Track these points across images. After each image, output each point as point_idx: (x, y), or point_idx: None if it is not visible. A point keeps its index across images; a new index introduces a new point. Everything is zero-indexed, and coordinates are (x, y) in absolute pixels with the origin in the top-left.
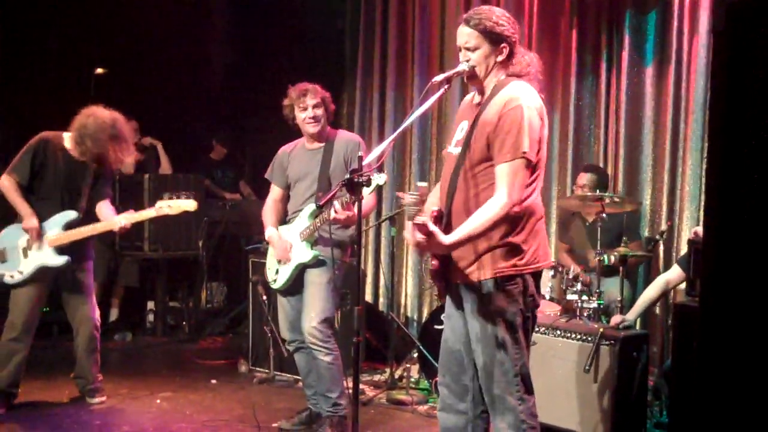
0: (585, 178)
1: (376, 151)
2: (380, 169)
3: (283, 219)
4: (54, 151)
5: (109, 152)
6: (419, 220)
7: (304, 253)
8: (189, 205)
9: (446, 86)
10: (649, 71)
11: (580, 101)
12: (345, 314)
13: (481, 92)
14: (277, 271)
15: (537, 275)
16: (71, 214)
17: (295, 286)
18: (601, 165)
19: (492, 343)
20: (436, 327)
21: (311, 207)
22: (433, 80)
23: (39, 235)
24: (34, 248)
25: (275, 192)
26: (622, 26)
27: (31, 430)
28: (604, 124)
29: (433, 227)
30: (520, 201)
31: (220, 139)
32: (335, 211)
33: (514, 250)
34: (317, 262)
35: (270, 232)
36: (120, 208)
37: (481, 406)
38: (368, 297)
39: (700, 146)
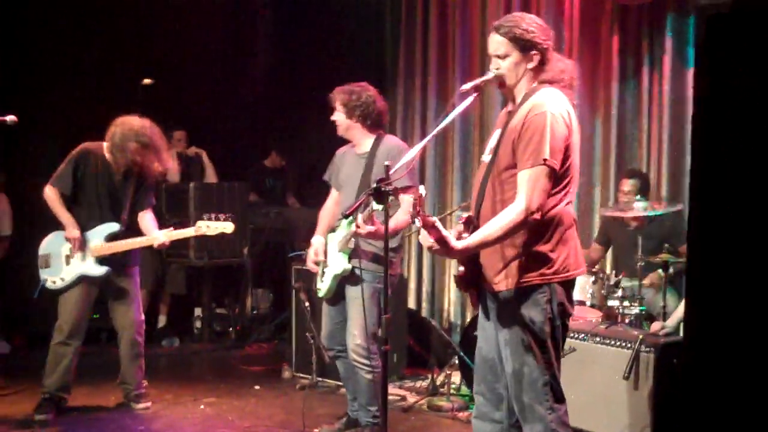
0: (628, 184)
1: (402, 161)
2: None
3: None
4: (95, 161)
5: (138, 161)
6: (417, 222)
7: (338, 264)
8: (227, 227)
9: (474, 94)
10: (692, 74)
11: (622, 106)
12: (391, 321)
13: (513, 100)
14: (321, 279)
15: (567, 284)
16: (114, 226)
17: (336, 297)
18: (645, 169)
19: (520, 352)
20: (476, 333)
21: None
22: (461, 88)
23: (81, 244)
24: (76, 257)
25: (333, 194)
26: (663, 30)
27: None
28: (646, 128)
29: (444, 232)
30: (541, 208)
31: (279, 149)
32: (356, 225)
33: (542, 259)
34: (355, 278)
35: (314, 239)
36: (165, 217)
37: (516, 415)
38: (411, 303)
39: None
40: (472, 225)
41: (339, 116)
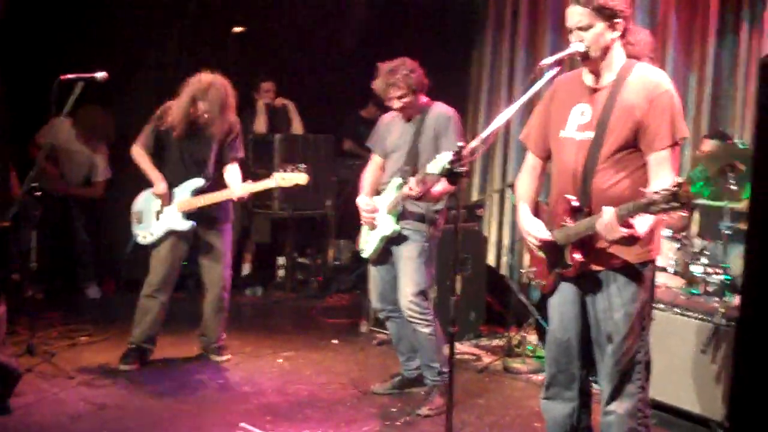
0: (708, 144)
1: (476, 140)
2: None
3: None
4: (173, 120)
5: (193, 114)
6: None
7: (387, 226)
8: (301, 178)
9: (557, 68)
10: None
11: (718, 63)
12: (466, 279)
13: (597, 74)
14: (367, 241)
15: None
16: (199, 182)
17: (384, 256)
18: (738, 130)
19: (623, 329)
20: None
21: (398, 180)
22: (542, 63)
23: (169, 199)
24: (165, 212)
25: (376, 160)
26: None
27: (156, 385)
28: (742, 87)
29: (633, 220)
30: None
31: (377, 101)
32: (409, 188)
33: (647, 237)
34: (404, 237)
35: (361, 199)
36: (251, 169)
37: (585, 396)
38: (490, 260)
39: None
40: (580, 210)
41: (407, 98)
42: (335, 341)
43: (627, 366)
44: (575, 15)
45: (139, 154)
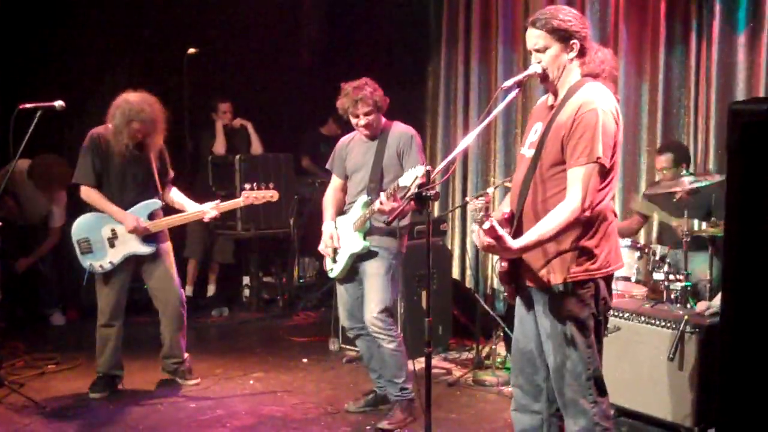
0: (662, 160)
1: (443, 163)
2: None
3: (342, 209)
4: (107, 144)
5: (140, 137)
6: (487, 224)
7: (357, 243)
8: (273, 195)
9: (517, 90)
10: (741, 40)
11: (669, 72)
12: (433, 293)
13: (555, 93)
14: (334, 260)
15: (609, 278)
16: (155, 203)
17: (351, 274)
18: (691, 137)
19: (564, 346)
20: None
21: (364, 197)
22: (503, 85)
23: (144, 229)
24: (121, 238)
25: (335, 182)
26: None
27: (129, 412)
28: (694, 95)
29: (501, 231)
30: (591, 205)
31: (337, 118)
32: (380, 203)
33: (587, 255)
34: (372, 253)
35: (325, 225)
36: (212, 189)
37: (555, 405)
38: (455, 273)
39: None
40: (514, 221)
41: (372, 115)
42: (305, 360)
43: (574, 383)
44: (532, 37)
45: (90, 195)
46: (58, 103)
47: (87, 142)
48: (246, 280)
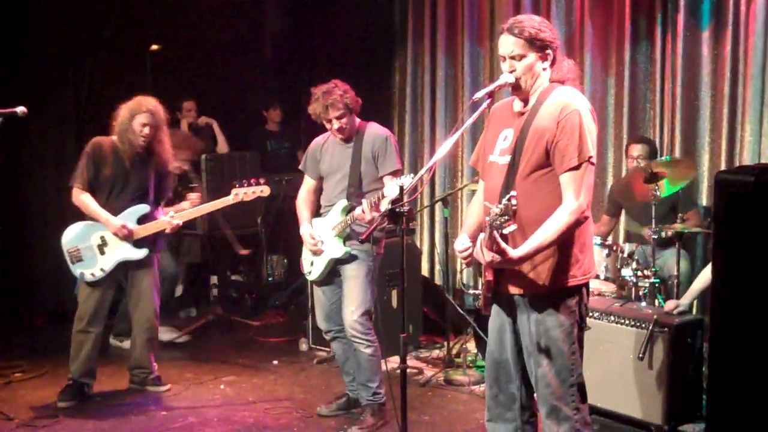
0: (638, 149)
1: (416, 178)
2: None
3: (317, 211)
4: (108, 151)
5: (147, 140)
6: (512, 227)
7: (336, 249)
8: (264, 190)
9: (488, 100)
10: (706, 35)
11: (634, 67)
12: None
13: (524, 100)
14: (312, 263)
15: (588, 285)
16: (144, 208)
17: (330, 278)
18: (657, 131)
19: (549, 353)
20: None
21: (343, 202)
22: (474, 97)
23: (129, 233)
24: (111, 244)
25: (308, 183)
26: None
27: (99, 420)
28: (659, 89)
29: (503, 244)
30: (589, 205)
31: (271, 106)
32: (363, 210)
33: (572, 261)
34: (351, 257)
35: (303, 228)
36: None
37: (527, 412)
38: (424, 271)
39: (759, 110)
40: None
41: (345, 118)
42: (275, 362)
43: (558, 390)
44: (508, 44)
45: (79, 198)
46: (20, 109)
47: (88, 147)
48: (213, 279)
